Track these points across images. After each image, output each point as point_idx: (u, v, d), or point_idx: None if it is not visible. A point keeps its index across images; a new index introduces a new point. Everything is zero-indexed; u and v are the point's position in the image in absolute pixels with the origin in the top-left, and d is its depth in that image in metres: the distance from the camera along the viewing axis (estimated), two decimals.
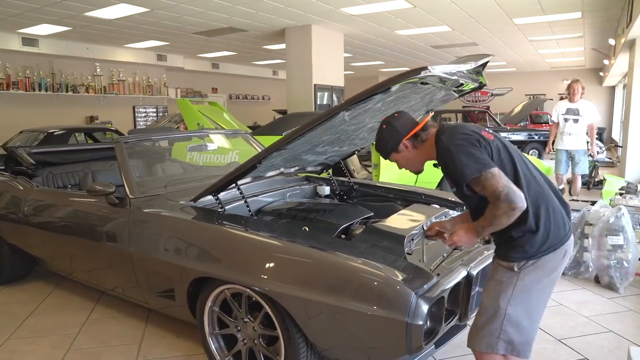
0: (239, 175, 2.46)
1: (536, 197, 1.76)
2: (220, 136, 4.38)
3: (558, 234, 1.78)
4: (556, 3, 7.83)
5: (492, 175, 1.67)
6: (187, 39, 10.51)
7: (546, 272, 1.79)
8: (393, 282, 1.81)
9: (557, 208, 1.80)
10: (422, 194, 3.37)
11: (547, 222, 1.75)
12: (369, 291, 1.85)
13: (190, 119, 6.87)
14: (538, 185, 1.79)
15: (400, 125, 1.89)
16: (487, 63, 2.43)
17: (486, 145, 1.76)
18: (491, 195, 1.68)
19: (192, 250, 2.39)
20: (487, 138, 1.79)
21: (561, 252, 1.80)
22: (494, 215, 1.69)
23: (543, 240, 1.76)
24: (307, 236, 2.33)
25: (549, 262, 1.78)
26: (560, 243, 1.78)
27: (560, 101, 6.43)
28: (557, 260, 1.80)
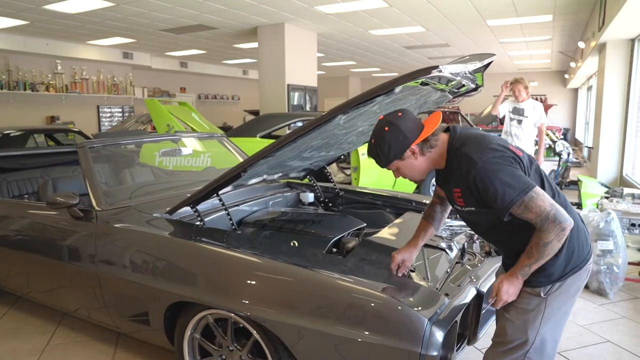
0: (222, 185, 2.21)
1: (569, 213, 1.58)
2: (194, 139, 4.09)
3: (582, 252, 1.64)
4: (530, 5, 7.84)
5: (537, 194, 1.49)
6: (154, 36, 10.08)
7: (571, 294, 1.66)
8: (403, 308, 1.61)
9: (579, 223, 1.67)
10: (413, 200, 3.20)
11: (571, 241, 1.60)
12: (376, 318, 1.64)
13: (159, 119, 6.52)
14: (563, 199, 1.65)
15: (407, 127, 1.62)
16: (490, 63, 2.27)
17: (519, 162, 1.58)
18: (537, 218, 1.49)
19: (169, 271, 2.12)
20: (517, 154, 1.60)
21: (585, 271, 1.67)
22: (544, 244, 1.50)
23: (567, 260, 1.61)
24: (298, 253, 2.11)
25: (574, 283, 1.64)
26: (584, 262, 1.65)
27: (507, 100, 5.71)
28: (582, 281, 1.67)
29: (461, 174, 1.58)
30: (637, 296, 3.62)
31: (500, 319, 1.73)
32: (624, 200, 3.85)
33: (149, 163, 4.38)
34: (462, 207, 1.66)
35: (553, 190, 1.65)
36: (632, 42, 7.02)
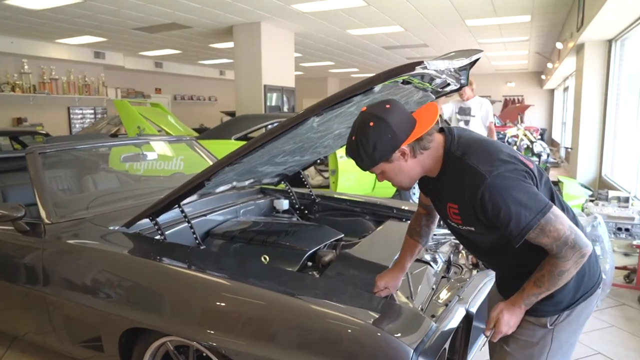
0: (183, 195, 1.99)
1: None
2: (162, 143, 3.84)
3: (593, 276, 1.45)
4: (508, 5, 7.78)
5: (555, 216, 1.27)
6: (127, 35, 9.73)
7: (581, 323, 1.47)
8: (386, 338, 1.41)
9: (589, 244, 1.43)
10: (394, 207, 3.01)
11: (583, 265, 1.36)
12: (356, 349, 1.44)
13: (129, 121, 6.23)
14: (571, 215, 1.43)
15: (397, 122, 1.35)
16: (477, 60, 2.10)
17: (532, 176, 1.35)
18: (554, 243, 1.28)
19: (124, 294, 1.88)
20: (531, 170, 1.36)
21: (596, 296, 1.48)
22: (560, 272, 1.30)
23: (578, 286, 1.41)
24: (268, 272, 1.90)
25: (584, 310, 1.44)
26: (596, 286, 1.46)
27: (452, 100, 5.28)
28: (592, 307, 1.48)
29: (461, 188, 1.34)
30: (625, 302, 3.51)
31: (497, 353, 1.52)
32: (610, 203, 3.75)
33: (119, 168, 4.11)
34: (459, 226, 1.42)
35: (562, 204, 1.44)
36: (610, 43, 7.01)
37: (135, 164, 4.67)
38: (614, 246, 3.55)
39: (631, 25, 5.93)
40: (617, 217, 3.57)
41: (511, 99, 19.07)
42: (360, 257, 2.00)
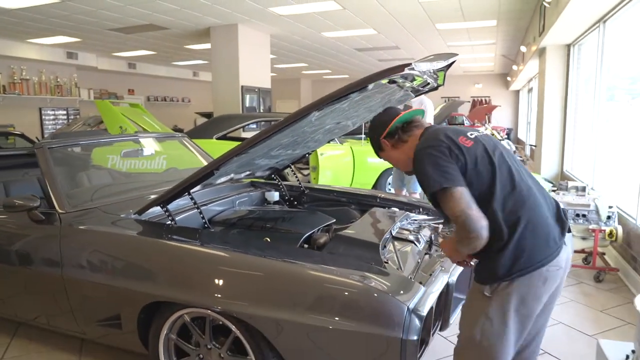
0: (194, 183, 2.20)
1: (517, 208, 1.55)
2: (152, 140, 4.00)
3: (534, 255, 1.53)
4: (476, 10, 8.20)
5: (452, 196, 1.51)
6: (101, 35, 9.73)
7: (522, 300, 1.55)
8: (384, 297, 1.67)
9: (541, 223, 1.56)
10: (377, 196, 3.28)
11: (523, 240, 1.53)
12: (357, 307, 1.69)
13: (111, 122, 6.31)
14: (524, 195, 1.57)
15: (379, 121, 1.88)
16: (453, 62, 2.38)
17: (459, 155, 1.58)
18: (451, 217, 1.54)
19: (143, 272, 2.08)
20: (463, 146, 1.60)
21: (539, 276, 1.53)
22: (456, 240, 1.57)
23: (514, 259, 1.53)
24: (273, 248, 2.13)
25: (525, 287, 1.54)
26: (536, 266, 1.53)
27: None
28: (536, 287, 1.54)
29: None
30: (582, 281, 3.88)
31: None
32: (569, 192, 4.11)
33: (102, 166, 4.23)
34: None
35: (507, 186, 1.57)
36: (568, 47, 7.49)
37: (119, 162, 4.79)
38: (573, 231, 3.91)
39: (586, 32, 6.40)
40: (575, 204, 3.93)
41: (479, 99, 19.73)
42: (351, 236, 2.24)
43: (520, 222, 1.53)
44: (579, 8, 5.11)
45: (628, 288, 3.73)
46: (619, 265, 4.01)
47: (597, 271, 3.89)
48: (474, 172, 1.57)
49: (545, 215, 1.59)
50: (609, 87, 5.85)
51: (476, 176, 1.57)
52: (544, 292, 1.57)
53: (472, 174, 1.56)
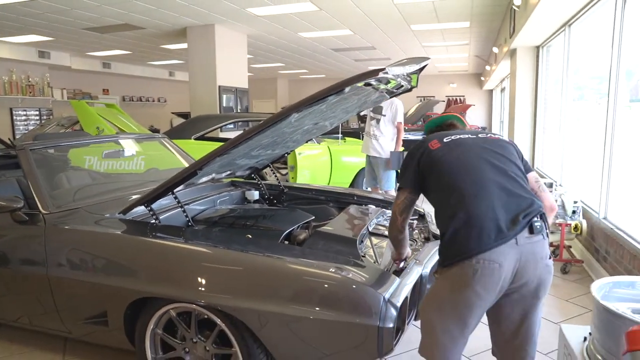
0: (178, 183, 2.27)
1: (457, 203, 1.68)
2: (132, 141, 4.03)
3: (465, 247, 1.62)
4: (449, 12, 8.40)
5: (399, 194, 1.91)
6: (76, 35, 9.61)
7: (452, 286, 1.67)
8: (362, 287, 1.78)
9: (478, 219, 1.64)
10: (354, 194, 3.39)
11: (457, 232, 1.65)
12: (337, 298, 1.79)
13: (88, 122, 6.28)
14: (470, 193, 1.69)
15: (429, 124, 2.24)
16: (425, 66, 2.50)
17: (420, 157, 1.83)
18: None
19: (129, 269, 2.14)
20: (428, 149, 1.83)
21: (469, 267, 1.62)
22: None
23: (448, 247, 1.69)
24: (255, 244, 2.21)
25: (454, 274, 1.66)
26: (466, 257, 1.62)
27: None
28: (466, 277, 1.62)
29: None
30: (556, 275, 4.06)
31: None
32: None
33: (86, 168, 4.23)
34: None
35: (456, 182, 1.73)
36: (538, 48, 7.75)
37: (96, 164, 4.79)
38: None
39: (554, 34, 6.65)
40: None
41: (453, 99, 20.11)
42: (330, 233, 2.34)
43: (457, 216, 1.67)
44: (546, 12, 5.33)
45: (591, 278, 3.93)
46: (584, 257, 4.22)
47: (564, 263, 4.08)
48: (432, 171, 1.81)
49: (487, 212, 1.65)
50: (579, 86, 6.10)
51: (433, 174, 1.80)
52: (476, 283, 1.62)
53: (430, 172, 1.81)
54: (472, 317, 1.68)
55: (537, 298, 1.73)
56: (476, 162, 1.77)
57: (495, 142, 1.87)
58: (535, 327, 1.78)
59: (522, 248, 1.63)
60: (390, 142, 5.25)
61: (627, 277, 1.99)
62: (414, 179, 1.84)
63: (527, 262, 1.65)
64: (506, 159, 1.80)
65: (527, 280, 1.68)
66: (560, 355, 2.14)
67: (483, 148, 1.82)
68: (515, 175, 1.76)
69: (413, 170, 1.83)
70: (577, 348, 1.92)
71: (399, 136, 5.28)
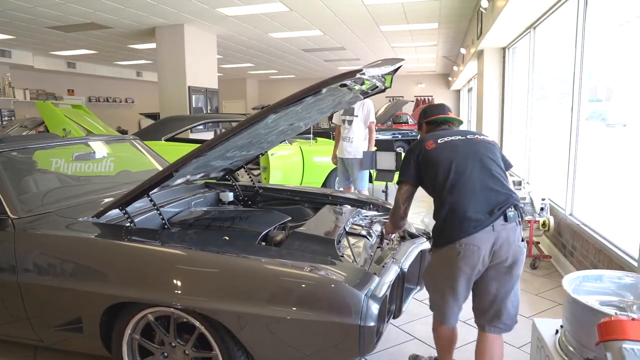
0: (154, 184, 2.24)
1: (446, 195, 2.03)
2: (102, 142, 3.94)
3: (449, 233, 2.00)
4: (418, 14, 8.53)
5: (400, 188, 2.18)
6: (39, 33, 9.31)
7: (442, 264, 2.07)
8: (342, 286, 1.80)
9: (461, 209, 1.99)
10: (329, 195, 3.41)
11: (446, 221, 2.03)
12: (316, 297, 1.81)
13: (54, 123, 6.09)
14: (456, 187, 2.02)
15: (433, 110, 2.45)
16: (399, 67, 2.54)
17: (418, 156, 2.14)
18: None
19: (105, 274, 2.09)
20: (424, 149, 2.14)
21: (453, 250, 1.99)
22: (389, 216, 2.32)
23: (439, 232, 2.06)
24: (232, 245, 2.21)
25: (442, 255, 2.06)
26: (451, 241, 1.99)
27: None
28: (451, 257, 1.99)
29: None
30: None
31: None
32: (522, 188, 4.41)
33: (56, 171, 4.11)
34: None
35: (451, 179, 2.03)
36: (504, 50, 7.96)
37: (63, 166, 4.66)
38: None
39: (519, 36, 6.84)
40: None
41: (422, 99, 20.41)
42: (307, 233, 2.35)
43: (446, 206, 2.03)
44: (512, 14, 5.47)
45: (559, 273, 4.07)
46: (551, 253, 4.36)
47: (533, 259, 4.21)
48: (428, 168, 2.11)
49: (469, 203, 1.99)
50: (542, 86, 6.29)
51: (429, 170, 2.11)
52: (460, 262, 1.98)
53: (426, 169, 2.11)
54: (460, 286, 2.04)
55: (510, 274, 2.05)
56: (464, 163, 2.08)
57: (482, 144, 2.16)
58: (507, 300, 2.08)
59: (498, 233, 1.97)
60: (363, 142, 5.27)
61: (595, 271, 2.07)
62: (414, 174, 2.14)
63: (502, 245, 1.98)
64: (490, 159, 2.11)
65: (503, 259, 2.01)
66: (534, 348, 2.21)
67: (471, 150, 2.12)
68: (497, 174, 2.08)
69: (413, 166, 2.13)
70: (550, 340, 1.99)
71: (371, 136, 5.31)
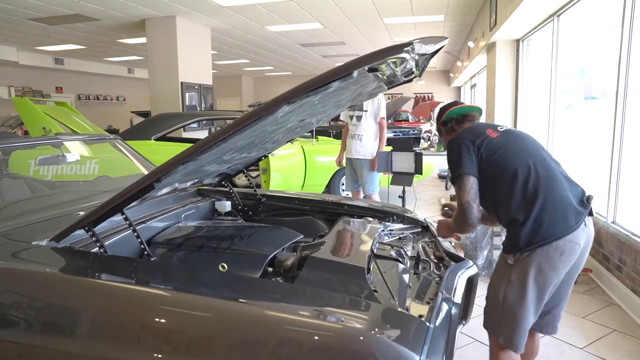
0: (130, 198, 1.71)
1: (536, 188, 1.76)
2: (79, 143, 3.41)
3: (552, 228, 1.72)
4: (425, 5, 8.05)
5: (463, 185, 1.81)
6: (21, 26, 8.74)
7: (539, 269, 1.74)
8: (390, 347, 1.27)
9: (559, 201, 1.75)
10: (344, 204, 2.90)
11: (541, 214, 1.73)
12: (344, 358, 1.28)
13: (32, 122, 5.55)
14: (543, 177, 1.77)
15: (441, 110, 2.16)
16: (439, 50, 2.03)
17: (480, 146, 1.85)
18: (457, 201, 1.85)
19: (63, 324, 1.54)
20: (488, 137, 1.87)
21: (556, 248, 1.71)
22: (453, 220, 1.96)
23: (534, 232, 1.73)
24: (222, 281, 1.68)
25: (541, 257, 1.73)
26: (554, 238, 1.71)
27: None
28: (553, 259, 1.72)
29: None
30: None
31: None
32: None
33: (22, 174, 3.58)
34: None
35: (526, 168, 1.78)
36: (518, 42, 7.47)
37: (42, 168, 4.13)
38: None
39: (538, 27, 6.36)
40: None
41: (421, 96, 19.96)
42: (330, 259, 1.84)
43: (538, 200, 1.74)
44: (536, 1, 4.99)
45: (602, 289, 3.59)
46: (591, 266, 3.87)
47: None
48: (489, 162, 1.83)
49: (565, 195, 1.77)
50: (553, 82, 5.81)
51: (500, 160, 1.82)
52: (559, 264, 1.74)
53: (496, 159, 1.82)
54: (548, 296, 1.80)
55: (572, 277, 1.88)
56: (536, 151, 1.86)
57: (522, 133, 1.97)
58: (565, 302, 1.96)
59: (587, 228, 1.79)
60: (373, 141, 4.74)
61: None
62: (476, 166, 1.84)
63: (588, 241, 1.81)
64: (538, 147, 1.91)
65: (582, 261, 1.84)
66: None
67: (529, 139, 1.92)
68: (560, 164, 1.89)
69: (475, 157, 1.84)
70: None
71: (382, 134, 4.76)
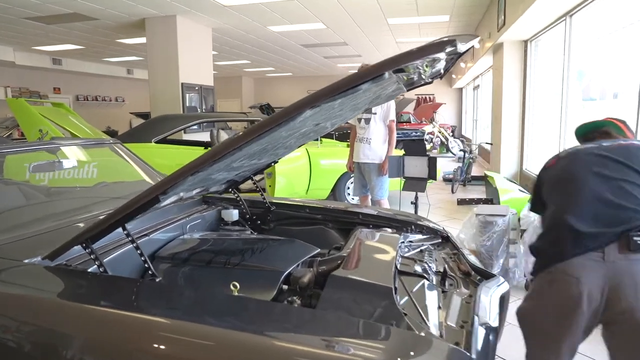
0: (132, 213, 1.54)
1: (550, 213, 1.78)
2: (76, 148, 3.23)
3: (545, 254, 1.73)
4: (431, 5, 7.88)
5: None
6: (18, 25, 8.55)
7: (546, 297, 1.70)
8: None
9: (558, 226, 1.70)
10: (359, 213, 2.73)
11: (543, 243, 1.76)
12: None
13: (28, 124, 5.37)
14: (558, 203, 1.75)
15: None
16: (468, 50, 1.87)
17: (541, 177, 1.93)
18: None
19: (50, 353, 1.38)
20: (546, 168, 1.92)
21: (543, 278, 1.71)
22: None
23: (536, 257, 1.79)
24: (231, 305, 1.50)
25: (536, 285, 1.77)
26: (547, 265, 1.70)
27: None
28: (540, 289, 1.73)
29: None
30: None
31: None
32: None
33: (17, 179, 3.40)
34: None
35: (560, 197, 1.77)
36: (525, 43, 7.32)
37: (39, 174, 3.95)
38: None
39: (547, 27, 6.21)
40: None
41: (423, 97, 19.80)
42: (354, 278, 1.67)
43: (544, 225, 1.83)
44: (548, 1, 4.84)
45: None
46: None
47: None
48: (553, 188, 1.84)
49: (567, 221, 1.63)
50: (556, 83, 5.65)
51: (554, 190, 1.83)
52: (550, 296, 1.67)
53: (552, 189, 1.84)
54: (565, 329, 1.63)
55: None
56: (577, 174, 1.74)
57: (621, 149, 1.73)
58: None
59: (613, 265, 1.51)
60: (382, 144, 4.58)
61: None
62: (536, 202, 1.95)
63: (621, 284, 1.50)
64: (625, 166, 1.67)
65: (626, 308, 1.50)
66: None
67: (597, 156, 1.73)
68: (625, 185, 1.63)
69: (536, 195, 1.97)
70: None
71: (391, 137, 4.59)
